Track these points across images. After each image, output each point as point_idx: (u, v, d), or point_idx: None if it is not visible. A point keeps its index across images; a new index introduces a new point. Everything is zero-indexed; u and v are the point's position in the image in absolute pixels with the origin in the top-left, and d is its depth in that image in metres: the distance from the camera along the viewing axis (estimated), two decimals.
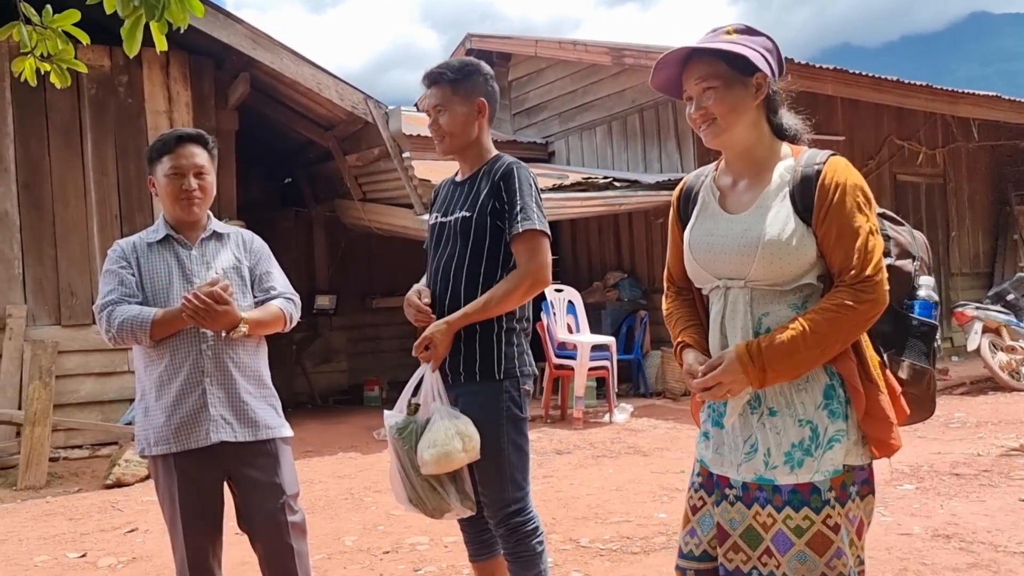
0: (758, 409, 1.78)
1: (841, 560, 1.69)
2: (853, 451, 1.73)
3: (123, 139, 6.90)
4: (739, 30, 1.82)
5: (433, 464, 2.26)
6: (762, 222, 1.75)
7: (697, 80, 1.80)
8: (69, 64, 2.65)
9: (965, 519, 3.73)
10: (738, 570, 1.77)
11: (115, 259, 2.51)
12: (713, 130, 1.81)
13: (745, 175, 1.85)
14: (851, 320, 1.68)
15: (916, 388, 1.85)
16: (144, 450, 2.46)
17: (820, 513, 1.70)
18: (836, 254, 1.71)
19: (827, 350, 1.69)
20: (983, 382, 7.96)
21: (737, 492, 1.79)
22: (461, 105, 2.42)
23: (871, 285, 1.68)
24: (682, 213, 1.97)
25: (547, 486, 4.84)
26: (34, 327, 6.49)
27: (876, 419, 1.73)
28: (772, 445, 1.75)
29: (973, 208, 11.18)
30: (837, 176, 1.74)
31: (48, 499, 5.23)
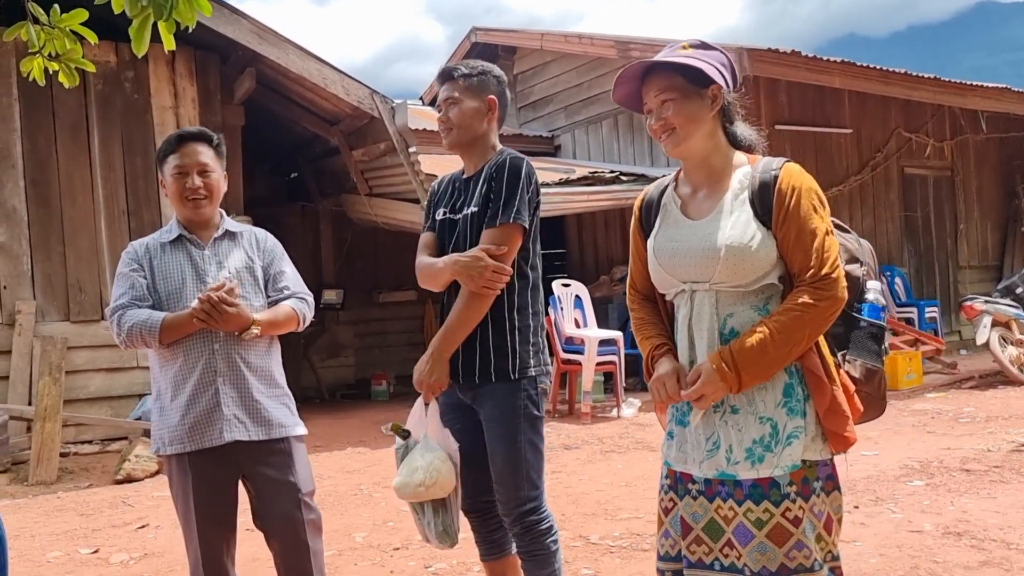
0: (720, 408, 1.87)
1: (802, 552, 1.78)
2: (811, 446, 1.82)
3: (130, 135, 6.91)
4: (695, 45, 1.92)
5: (397, 491, 2.36)
6: (724, 227, 1.85)
7: (656, 92, 1.89)
8: (77, 63, 2.65)
9: (976, 516, 3.72)
10: (700, 562, 1.87)
11: (127, 262, 2.51)
12: (673, 140, 1.89)
13: (704, 183, 1.94)
14: (814, 317, 1.77)
15: (868, 387, 1.95)
16: (159, 449, 2.47)
17: (779, 506, 1.79)
18: (796, 255, 1.80)
19: (794, 348, 1.79)
20: (992, 376, 7.94)
21: (700, 487, 1.88)
22: (472, 100, 2.44)
23: (830, 283, 1.78)
24: (644, 223, 2.05)
25: (556, 482, 4.84)
26: (43, 323, 6.51)
27: (833, 413, 1.82)
28: (734, 442, 1.84)
29: (981, 201, 11.12)
30: (793, 180, 1.84)
31: (59, 495, 5.25)
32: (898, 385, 7.76)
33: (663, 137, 1.90)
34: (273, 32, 6.75)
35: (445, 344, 2.35)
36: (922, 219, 10.47)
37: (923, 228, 10.49)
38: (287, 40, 6.81)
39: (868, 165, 9.79)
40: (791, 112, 9.18)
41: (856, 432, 1.86)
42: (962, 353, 9.88)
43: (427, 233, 2.56)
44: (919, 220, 10.43)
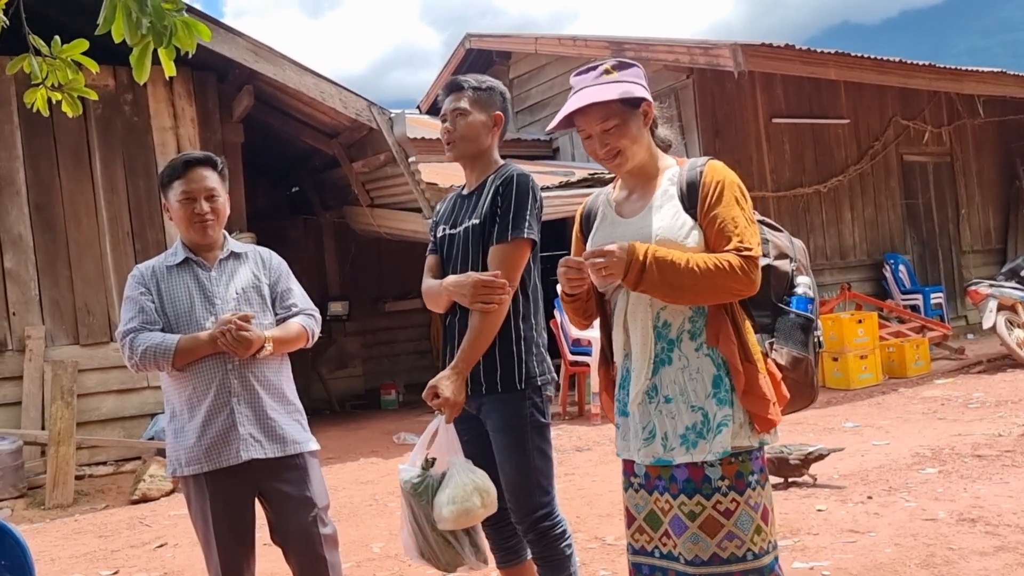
0: (655, 398, 1.99)
1: (733, 543, 1.90)
2: (740, 433, 1.92)
3: (131, 157, 6.95)
4: (615, 66, 2.04)
5: (453, 521, 2.25)
6: (655, 219, 1.99)
7: (598, 122, 2.00)
8: (80, 92, 2.69)
9: (990, 502, 3.73)
10: (643, 549, 2.03)
11: (134, 285, 2.54)
12: (619, 161, 2.02)
13: (637, 187, 2.09)
14: (728, 281, 1.87)
15: (795, 374, 2.04)
16: (176, 471, 2.50)
17: (710, 499, 1.91)
18: (720, 241, 1.92)
19: (699, 289, 1.88)
20: (1000, 360, 7.93)
21: (640, 480, 2.03)
22: (480, 113, 2.47)
23: (752, 263, 1.89)
24: (584, 229, 2.19)
25: (569, 484, 4.86)
26: (53, 347, 6.55)
27: (754, 396, 1.93)
28: (668, 429, 1.96)
29: (982, 185, 11.11)
30: (716, 175, 1.98)
31: (76, 517, 5.29)
32: (906, 372, 7.77)
33: (610, 161, 2.02)
34: (269, 49, 6.79)
35: (466, 362, 2.35)
36: (923, 206, 10.47)
37: (925, 215, 10.49)
38: (283, 56, 6.85)
39: (867, 154, 9.80)
40: (788, 105, 9.19)
41: (779, 415, 1.96)
42: (969, 338, 9.87)
43: (431, 256, 2.60)
44: (920, 207, 10.43)
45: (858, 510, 3.82)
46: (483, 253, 2.42)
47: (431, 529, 2.31)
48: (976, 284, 8.14)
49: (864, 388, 7.34)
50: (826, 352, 7.52)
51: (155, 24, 2.26)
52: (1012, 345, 7.61)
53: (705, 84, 8.54)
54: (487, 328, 2.35)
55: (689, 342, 1.96)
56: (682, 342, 1.97)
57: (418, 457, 2.38)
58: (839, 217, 9.58)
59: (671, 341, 1.97)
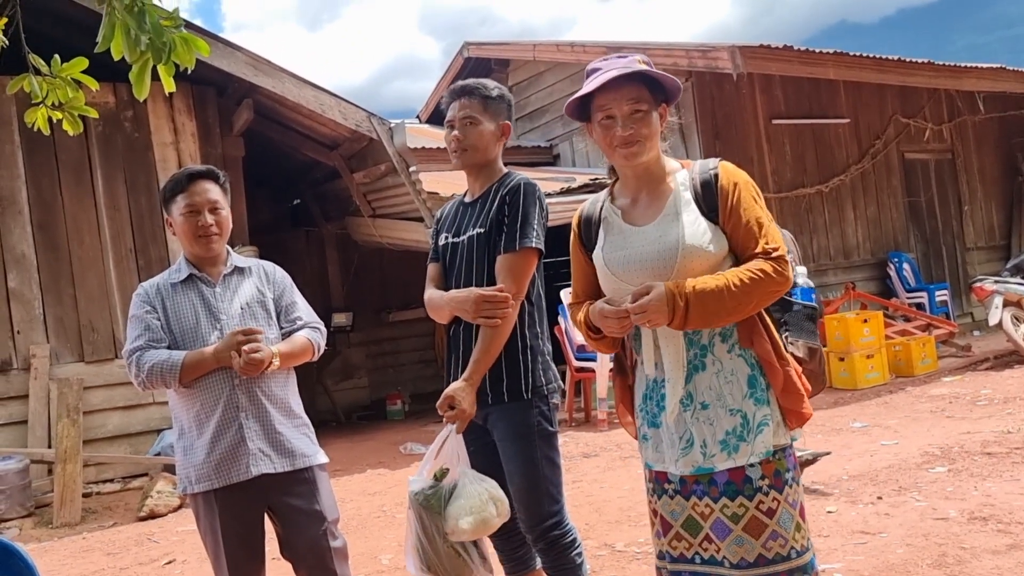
0: (691, 405, 1.94)
1: (777, 542, 1.88)
2: (778, 431, 1.92)
3: (132, 173, 6.97)
4: (645, 61, 1.98)
5: (471, 532, 2.24)
6: (674, 227, 1.93)
7: (629, 101, 1.93)
8: (80, 111, 2.69)
9: (1001, 499, 3.71)
10: (682, 556, 1.98)
11: (139, 304, 2.54)
12: (637, 150, 1.95)
13: (643, 191, 2.03)
14: (768, 285, 1.86)
15: (812, 364, 2.04)
16: (186, 489, 2.49)
17: (753, 500, 1.88)
18: (748, 242, 1.91)
19: (743, 307, 1.86)
20: (1007, 356, 7.89)
21: (675, 486, 1.98)
22: (490, 123, 2.45)
23: (784, 263, 1.89)
24: (584, 238, 2.12)
25: (577, 491, 4.84)
26: (58, 365, 6.56)
27: (791, 392, 1.92)
28: (707, 436, 1.92)
29: (984, 181, 11.10)
30: (731, 176, 1.96)
31: (84, 535, 5.28)
32: (913, 371, 7.74)
33: (628, 147, 1.94)
34: (268, 62, 6.81)
35: (478, 373, 2.34)
36: (926, 203, 10.45)
37: (928, 212, 10.47)
38: (282, 69, 6.86)
39: (868, 153, 9.79)
40: (787, 106, 9.19)
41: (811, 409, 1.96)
42: (975, 335, 9.84)
43: (432, 265, 2.59)
44: (923, 204, 10.41)
45: (868, 511, 3.80)
46: (488, 262, 2.41)
47: (442, 540, 2.28)
48: (981, 280, 8.11)
49: (871, 387, 7.31)
50: (832, 352, 7.50)
51: (154, 41, 2.26)
52: (1019, 341, 7.57)
53: (704, 87, 8.55)
54: (498, 338, 2.34)
55: (721, 345, 1.94)
56: (714, 346, 1.94)
57: (427, 468, 2.36)
58: (842, 217, 9.57)
59: (703, 347, 1.94)
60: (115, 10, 2.22)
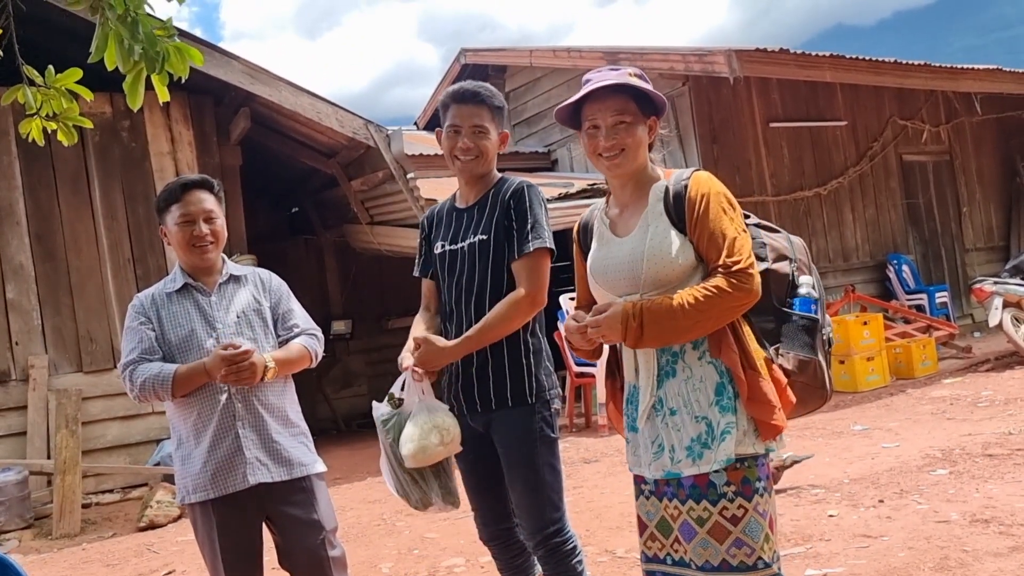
0: (661, 411, 1.99)
1: (742, 550, 1.89)
2: (744, 440, 1.91)
3: (130, 183, 6.97)
4: (636, 75, 2.02)
5: (411, 459, 2.29)
6: (644, 239, 1.98)
7: (613, 113, 1.99)
8: (75, 121, 2.70)
9: (1002, 501, 3.69)
10: (656, 556, 2.04)
11: (134, 315, 2.53)
12: (619, 161, 2.01)
13: (630, 203, 2.08)
14: (725, 302, 1.88)
15: (803, 377, 2.03)
16: (184, 499, 2.48)
17: (716, 505, 1.91)
18: (711, 253, 1.93)
19: (699, 325, 1.89)
20: (1008, 357, 7.89)
21: (651, 487, 2.03)
22: (495, 131, 2.46)
23: (745, 275, 1.89)
24: (582, 245, 2.20)
25: (578, 496, 4.82)
26: (56, 376, 6.54)
27: (758, 402, 1.91)
28: (675, 442, 1.96)
29: (983, 182, 11.10)
30: (701, 187, 1.97)
31: (84, 546, 5.26)
32: (914, 373, 7.73)
33: (612, 157, 1.99)
34: (265, 71, 6.81)
35: (466, 345, 2.34)
36: (924, 205, 10.45)
37: (926, 214, 10.47)
38: (279, 77, 6.87)
39: (866, 155, 9.80)
40: (784, 109, 9.20)
41: (785, 421, 1.94)
42: (975, 336, 9.83)
43: (426, 283, 2.58)
44: (922, 206, 10.41)
45: (870, 514, 3.78)
46: (492, 268, 2.40)
47: (399, 467, 2.35)
48: (980, 282, 8.10)
49: (872, 390, 7.30)
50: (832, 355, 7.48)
51: (147, 50, 2.27)
52: (1019, 342, 7.56)
53: (701, 91, 8.55)
54: (502, 328, 2.34)
55: (692, 352, 1.97)
56: (685, 353, 1.97)
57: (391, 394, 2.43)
58: (840, 219, 9.56)
59: (675, 353, 1.98)
60: (108, 20, 2.23)
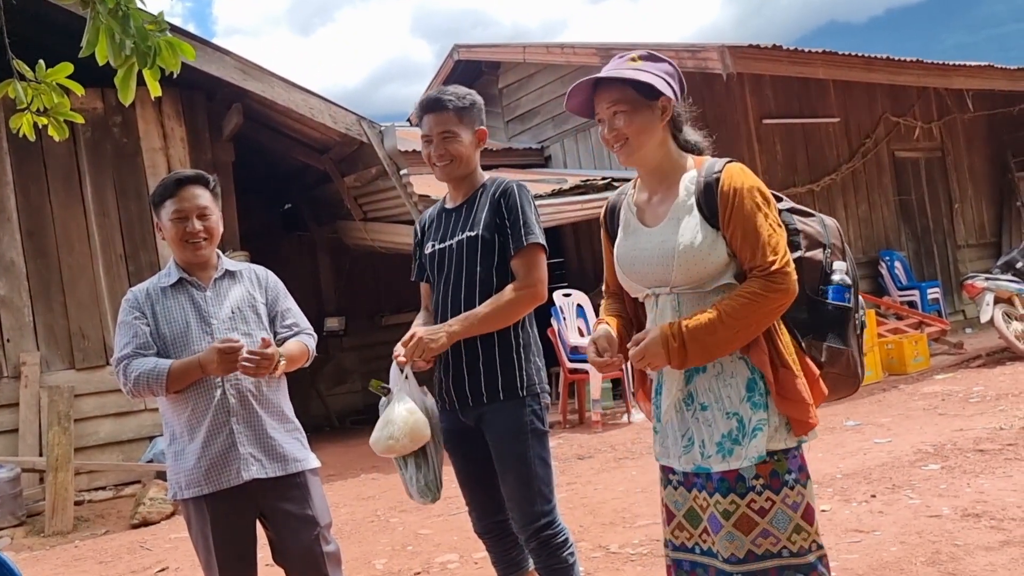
0: (691, 405, 1.97)
1: (768, 540, 1.88)
2: (776, 436, 1.89)
3: (122, 179, 6.94)
4: (644, 57, 1.99)
5: (375, 448, 2.36)
6: (675, 233, 1.93)
7: (608, 104, 1.98)
8: (66, 116, 2.67)
9: (993, 496, 3.71)
10: (683, 545, 2.02)
11: (128, 310, 2.51)
12: (626, 150, 1.98)
13: (658, 190, 2.03)
14: (764, 307, 1.85)
15: (836, 368, 2.00)
16: (176, 494, 2.47)
17: (744, 498, 1.89)
18: (744, 252, 1.89)
19: (741, 334, 1.86)
20: (999, 353, 7.92)
21: (679, 477, 2.02)
22: (467, 133, 2.46)
23: (781, 276, 1.85)
24: (609, 230, 2.16)
25: (572, 493, 4.83)
26: (48, 373, 6.52)
27: (790, 400, 1.89)
28: (705, 437, 1.94)
29: (974, 178, 11.15)
30: (734, 181, 1.91)
31: (76, 543, 5.24)
32: (906, 369, 7.75)
33: (616, 147, 1.99)
34: (257, 67, 6.79)
35: (461, 329, 2.35)
36: (917, 201, 10.48)
37: (919, 210, 10.51)
38: (272, 73, 6.85)
39: (858, 152, 9.82)
40: (777, 105, 9.21)
41: (818, 416, 1.92)
42: (967, 332, 9.87)
43: (424, 285, 2.61)
44: (914, 203, 10.45)
45: (862, 509, 3.80)
46: (480, 264, 2.42)
47: None
48: (972, 278, 8.13)
49: (864, 386, 7.23)
50: None
51: (139, 45, 2.25)
52: (1010, 338, 7.60)
53: (694, 87, 8.46)
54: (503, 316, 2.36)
55: None
56: None
57: None
58: (833, 215, 9.56)
59: None
60: (99, 14, 2.21)
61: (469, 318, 2.35)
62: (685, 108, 2.05)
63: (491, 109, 11.22)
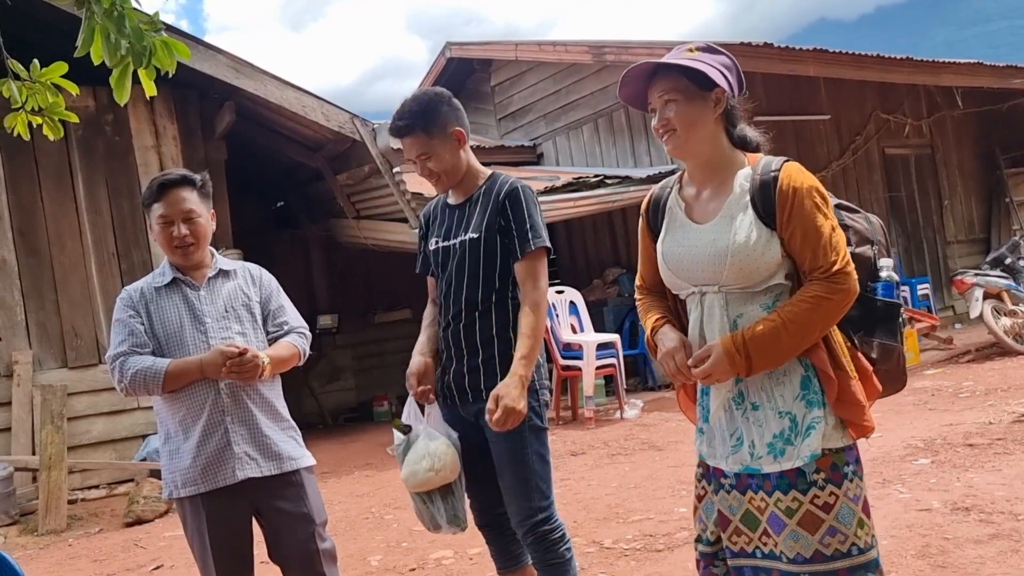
0: (742, 404, 1.92)
1: (835, 538, 1.82)
2: (832, 435, 1.85)
3: (114, 177, 6.92)
4: (701, 48, 1.95)
5: (407, 484, 2.42)
6: (729, 231, 1.88)
7: (660, 93, 1.92)
8: (60, 115, 2.68)
9: (983, 490, 3.76)
10: (743, 551, 1.93)
11: (123, 308, 2.52)
12: (675, 140, 1.93)
13: (708, 185, 1.97)
14: (827, 310, 1.81)
15: (887, 364, 1.97)
16: (172, 493, 2.48)
17: (807, 494, 1.83)
18: (804, 254, 1.84)
19: (805, 339, 1.82)
20: (988, 348, 7.98)
21: (731, 481, 1.94)
22: (442, 144, 2.44)
23: (843, 276, 1.81)
24: (651, 223, 2.09)
25: (565, 489, 4.85)
26: (41, 371, 6.50)
27: (848, 404, 1.85)
28: (756, 437, 1.89)
29: (964, 175, 11.22)
30: (793, 181, 1.86)
31: (70, 542, 5.24)
32: None
33: (665, 137, 1.94)
34: (250, 65, 6.78)
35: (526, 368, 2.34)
36: (907, 198, 10.54)
37: (908, 207, 10.57)
38: (264, 71, 6.84)
39: (849, 149, 9.87)
40: (768, 103, 9.22)
41: (874, 421, 1.88)
42: (957, 327, 9.94)
43: (429, 278, 2.62)
44: (904, 199, 10.51)
45: None
46: (483, 266, 2.43)
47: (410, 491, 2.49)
48: (962, 274, 8.20)
49: None
50: None
51: (134, 45, 2.26)
52: (999, 333, 7.66)
53: None
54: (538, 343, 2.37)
55: None
56: None
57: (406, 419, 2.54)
58: None
59: None
60: (94, 14, 2.22)
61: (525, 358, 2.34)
62: (742, 103, 1.99)
63: (483, 106, 11.22)
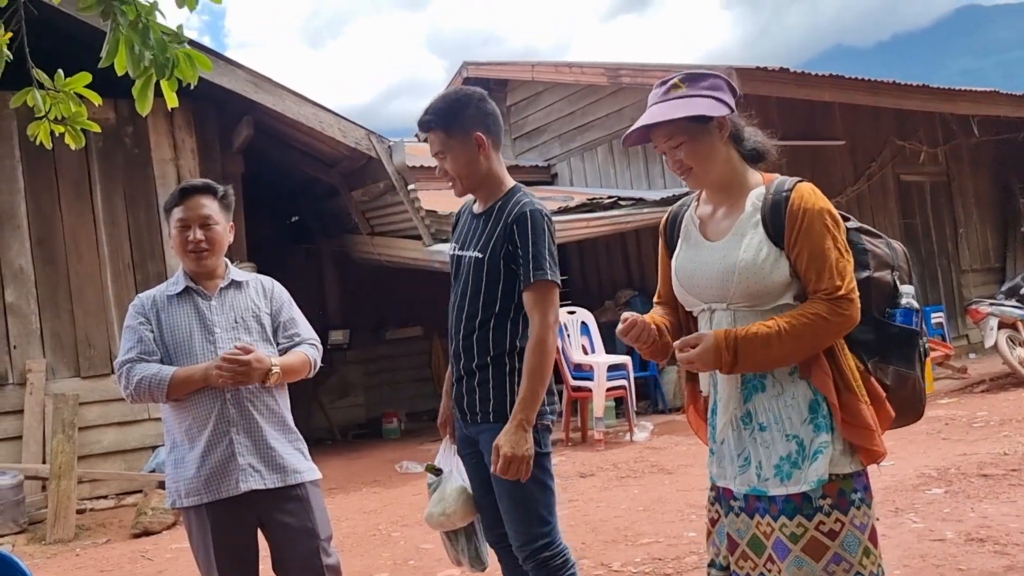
0: (750, 425, 1.91)
1: (840, 566, 1.79)
2: (840, 460, 1.83)
3: (132, 189, 6.98)
4: (685, 80, 1.94)
5: (429, 523, 2.54)
6: (738, 248, 1.89)
7: (664, 140, 1.95)
8: (83, 125, 2.71)
9: (998, 521, 3.71)
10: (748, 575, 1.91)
11: (134, 315, 2.54)
12: (694, 177, 1.97)
13: (723, 203, 2.00)
14: (824, 330, 1.81)
15: (902, 392, 1.94)
16: (175, 502, 2.48)
17: (812, 520, 1.81)
18: (810, 275, 1.84)
19: (796, 353, 1.82)
20: (1003, 378, 7.90)
21: (741, 504, 1.93)
22: (460, 146, 2.37)
23: (846, 303, 1.81)
24: (669, 240, 2.13)
25: (574, 510, 4.82)
26: (54, 380, 6.54)
27: (857, 428, 1.82)
28: (763, 459, 1.88)
29: (979, 203, 11.16)
30: (804, 202, 1.87)
31: (78, 552, 5.24)
32: None
33: (683, 176, 1.97)
34: (269, 80, 6.85)
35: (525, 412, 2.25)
36: (921, 225, 10.50)
37: (923, 234, 10.52)
38: (283, 87, 6.91)
39: (864, 175, 9.85)
40: (783, 128, 9.23)
41: (885, 445, 1.86)
42: (971, 357, 9.85)
43: None
44: (919, 226, 10.46)
45: None
46: (483, 288, 2.38)
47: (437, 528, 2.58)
48: (976, 303, 8.13)
49: None
50: None
51: (157, 56, 2.29)
52: (1014, 363, 7.58)
53: None
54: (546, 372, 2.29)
55: (782, 368, 1.88)
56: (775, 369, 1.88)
57: None
58: None
59: None
60: (119, 26, 2.25)
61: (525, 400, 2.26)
62: (741, 115, 2.00)
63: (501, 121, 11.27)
